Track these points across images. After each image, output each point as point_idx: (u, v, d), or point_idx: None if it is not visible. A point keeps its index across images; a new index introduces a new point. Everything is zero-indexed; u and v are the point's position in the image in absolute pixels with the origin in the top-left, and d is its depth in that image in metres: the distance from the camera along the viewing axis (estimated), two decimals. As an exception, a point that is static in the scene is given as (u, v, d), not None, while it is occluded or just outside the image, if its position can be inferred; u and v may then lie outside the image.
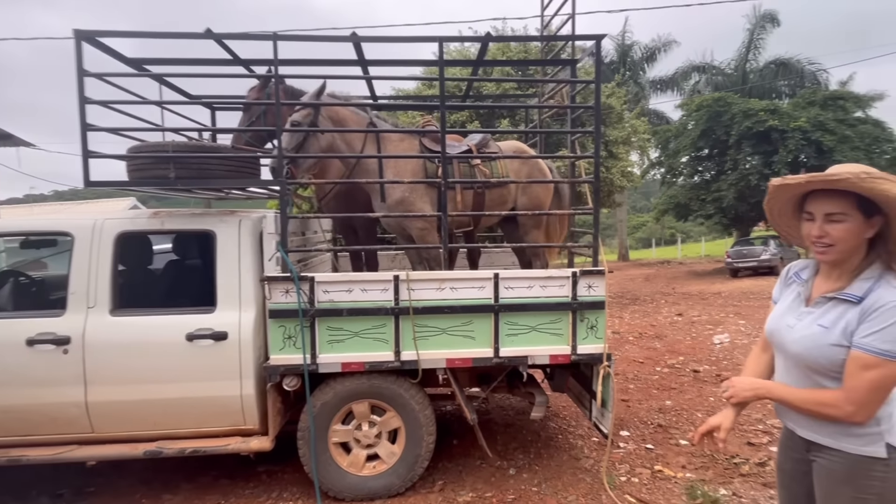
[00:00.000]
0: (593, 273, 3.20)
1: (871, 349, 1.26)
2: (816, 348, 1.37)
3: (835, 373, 1.36)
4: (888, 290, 1.28)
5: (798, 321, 1.46)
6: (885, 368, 1.24)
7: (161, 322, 2.99)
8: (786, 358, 1.51)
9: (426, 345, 3.10)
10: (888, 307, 1.26)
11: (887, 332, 1.25)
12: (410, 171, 3.44)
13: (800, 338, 1.42)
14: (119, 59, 3.31)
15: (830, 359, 1.35)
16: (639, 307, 10.91)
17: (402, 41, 3.14)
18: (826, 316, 1.39)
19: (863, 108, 19.68)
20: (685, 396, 4.90)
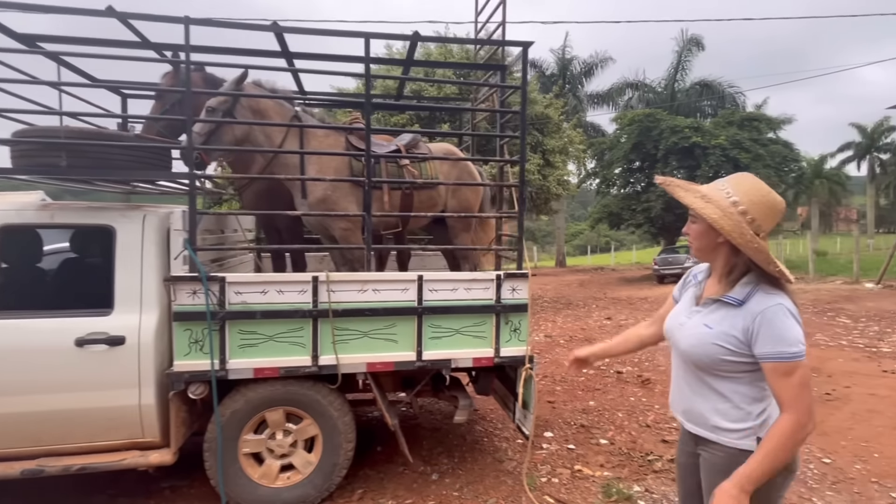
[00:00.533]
0: (517, 276, 3.22)
1: (782, 357, 1.33)
2: (700, 346, 1.46)
3: (715, 370, 1.45)
4: (765, 297, 1.38)
5: (688, 319, 1.55)
6: (800, 369, 1.33)
7: (45, 326, 2.69)
8: (677, 354, 1.60)
9: (346, 349, 2.99)
10: (769, 314, 1.35)
11: (784, 337, 1.33)
12: (334, 169, 3.33)
13: (688, 335, 1.51)
14: (7, 34, 2.98)
15: (711, 356, 1.44)
16: (572, 311, 11.26)
17: (325, 34, 3.03)
18: (711, 316, 1.48)
19: (774, 130, 21.48)
20: (608, 397, 5.06)
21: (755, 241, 1.36)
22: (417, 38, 3.15)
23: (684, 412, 1.59)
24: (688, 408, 1.57)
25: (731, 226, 1.37)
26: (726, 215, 1.38)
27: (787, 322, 1.34)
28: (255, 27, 2.85)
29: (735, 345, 1.39)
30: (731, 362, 1.41)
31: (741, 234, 1.36)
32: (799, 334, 1.35)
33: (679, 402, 1.62)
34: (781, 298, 1.37)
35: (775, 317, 1.35)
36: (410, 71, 4.08)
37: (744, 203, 1.39)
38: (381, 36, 2.97)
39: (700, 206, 1.42)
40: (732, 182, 1.46)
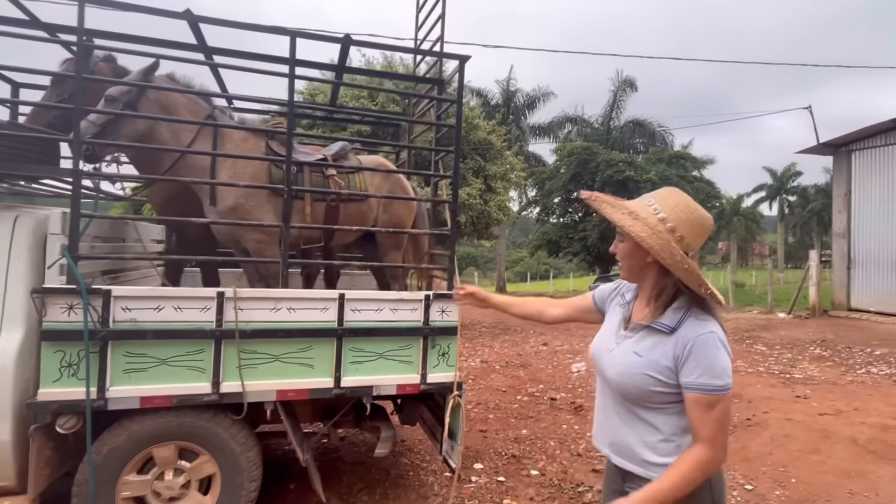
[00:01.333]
0: (447, 297, 3.04)
1: (706, 388, 1.25)
2: (629, 375, 1.36)
3: (644, 401, 1.35)
4: (696, 324, 1.30)
5: (616, 345, 1.44)
6: (723, 402, 1.25)
7: None
8: (603, 382, 1.51)
9: (254, 374, 2.67)
10: (701, 343, 1.27)
11: (712, 368, 1.26)
12: (250, 175, 3.05)
13: (616, 363, 1.41)
14: None
15: (640, 387, 1.34)
16: (509, 337, 11.22)
17: (246, 28, 2.79)
18: (640, 344, 1.37)
19: (698, 169, 23.09)
20: (541, 425, 4.94)
21: (685, 262, 1.27)
22: (349, 42, 2.98)
23: (611, 444, 1.47)
24: (615, 440, 1.45)
25: (660, 245, 1.27)
26: (655, 233, 1.28)
27: (717, 353, 1.27)
28: (165, 13, 2.56)
29: (665, 374, 1.30)
30: (660, 393, 1.32)
31: (671, 254, 1.27)
32: (727, 366, 1.27)
33: (605, 434, 1.50)
34: (714, 326, 1.30)
35: (706, 346, 1.27)
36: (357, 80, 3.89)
37: (672, 220, 1.30)
38: (307, 36, 2.77)
39: (627, 224, 1.32)
40: (659, 197, 1.37)
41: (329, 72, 4.43)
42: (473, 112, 14.13)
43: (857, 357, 8.21)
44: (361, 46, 3.09)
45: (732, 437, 4.65)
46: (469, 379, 6.91)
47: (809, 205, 40.57)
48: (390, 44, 3.83)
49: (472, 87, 27.75)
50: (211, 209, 3.05)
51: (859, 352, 8.61)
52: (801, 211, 41.83)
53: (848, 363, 7.80)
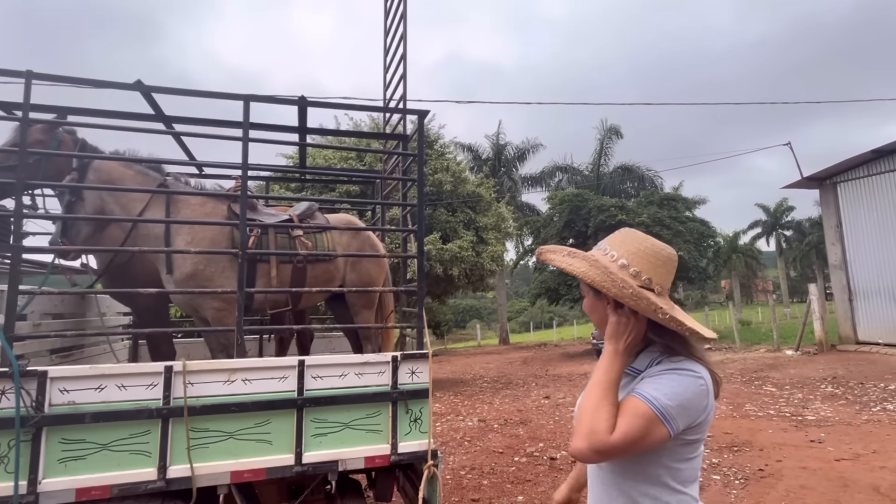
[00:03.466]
0: (416, 357, 2.87)
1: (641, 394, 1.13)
2: None
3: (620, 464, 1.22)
4: (667, 362, 1.21)
5: None
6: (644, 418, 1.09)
7: None
8: None
9: (205, 455, 2.45)
10: (661, 369, 1.19)
11: (659, 382, 1.14)
12: (210, 240, 2.96)
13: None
14: None
15: None
16: (510, 391, 10.82)
17: (203, 96, 2.80)
18: None
19: (690, 209, 23.21)
20: (538, 489, 4.59)
21: (629, 287, 1.17)
22: (304, 103, 2.98)
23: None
24: None
25: (600, 275, 1.20)
26: (593, 266, 1.22)
27: (679, 378, 1.14)
28: (113, 85, 2.57)
29: None
30: None
31: (613, 283, 1.18)
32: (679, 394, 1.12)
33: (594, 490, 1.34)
34: (688, 364, 1.18)
35: (669, 372, 1.16)
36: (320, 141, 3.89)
37: (622, 256, 1.24)
38: (260, 99, 2.77)
39: (567, 263, 1.26)
40: (608, 239, 1.32)
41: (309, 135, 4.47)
42: (461, 166, 14.38)
43: (870, 393, 7.84)
44: (316, 107, 3.09)
45: (744, 491, 4.31)
46: (465, 440, 6.55)
47: (806, 238, 40.64)
48: (353, 104, 3.83)
49: (462, 143, 28.58)
50: (168, 278, 2.94)
51: (873, 387, 8.24)
52: (799, 245, 41.85)
53: (862, 400, 7.43)
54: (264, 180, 4.56)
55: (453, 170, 13.37)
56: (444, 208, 12.98)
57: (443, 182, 12.76)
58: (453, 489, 4.70)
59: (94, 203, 2.73)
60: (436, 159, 13.29)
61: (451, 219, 12.87)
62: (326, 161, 11.30)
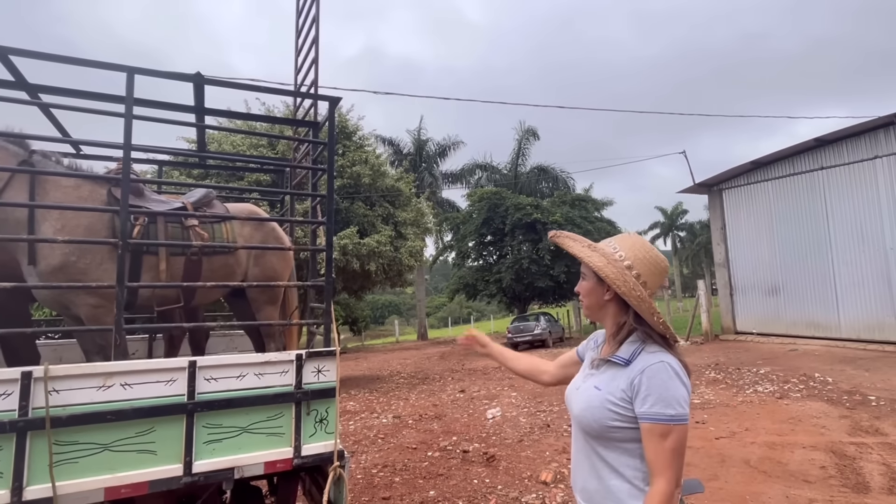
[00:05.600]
0: (322, 355, 2.73)
1: (658, 418, 1.23)
2: (589, 409, 1.36)
3: (605, 437, 1.33)
4: (648, 356, 1.32)
5: (583, 382, 1.47)
6: (677, 432, 1.23)
7: None
8: (574, 422, 1.47)
9: (73, 471, 2.16)
10: (651, 372, 1.27)
11: (664, 396, 1.24)
12: (85, 228, 2.62)
13: (580, 398, 1.42)
14: None
15: (599, 420, 1.32)
16: (427, 386, 10.86)
17: (76, 63, 2.45)
18: (600, 377, 1.39)
19: (599, 210, 24.74)
20: (450, 483, 4.63)
21: (638, 290, 1.33)
22: (200, 80, 2.72)
23: (581, 491, 1.43)
24: (585, 486, 1.41)
25: (615, 273, 1.35)
26: (610, 263, 1.37)
27: (670, 381, 1.26)
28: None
29: (622, 406, 1.30)
30: (619, 428, 1.30)
31: (624, 282, 1.33)
32: (681, 396, 1.25)
33: (577, 479, 1.46)
34: (665, 356, 1.30)
35: (657, 374, 1.27)
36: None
37: (629, 258, 1.38)
38: (146, 72, 2.48)
39: (586, 255, 1.41)
40: (618, 240, 1.45)
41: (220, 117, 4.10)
42: (381, 160, 14.17)
43: (745, 377, 8.80)
44: (214, 85, 2.84)
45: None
46: (379, 438, 6.46)
47: (697, 238, 44.91)
48: (257, 85, 3.58)
49: (383, 136, 28.25)
50: (30, 270, 2.56)
51: (747, 372, 9.26)
52: (691, 244, 46.16)
53: (738, 384, 8.32)
54: (157, 164, 4.14)
55: (372, 163, 13.13)
56: (362, 202, 12.72)
57: (361, 175, 12.49)
58: (364, 488, 4.60)
59: None
60: (354, 151, 12.97)
61: (369, 213, 12.65)
62: (234, 148, 10.61)
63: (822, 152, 13.07)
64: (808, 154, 13.42)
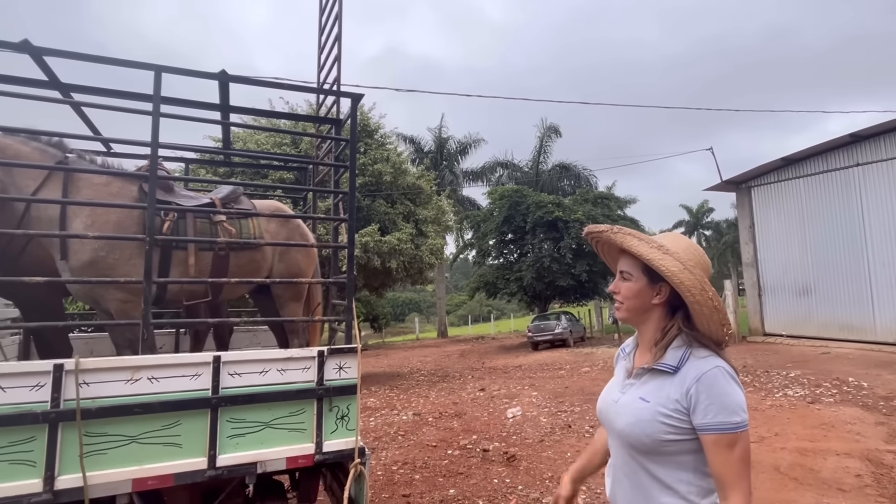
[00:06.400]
0: (344, 351, 2.74)
1: (724, 428, 1.15)
2: (638, 424, 1.24)
3: (657, 453, 1.23)
4: (701, 361, 1.22)
5: (622, 394, 1.35)
6: (743, 440, 1.16)
7: None
8: (613, 436, 1.36)
9: (102, 462, 2.21)
10: (709, 379, 1.18)
11: (726, 404, 1.17)
12: (114, 224, 2.67)
13: (624, 412, 1.29)
14: None
15: (651, 435, 1.21)
16: (447, 384, 10.86)
17: (105, 62, 2.50)
18: (644, 388, 1.28)
19: (622, 208, 24.33)
20: (470, 482, 4.60)
21: (716, 299, 1.21)
22: (225, 78, 2.75)
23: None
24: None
25: (691, 281, 1.20)
26: (687, 269, 1.21)
27: (728, 387, 1.18)
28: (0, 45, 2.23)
29: (676, 418, 1.20)
30: (674, 441, 1.21)
31: (702, 291, 1.20)
32: (741, 400, 1.18)
33: (618, 500, 1.35)
34: (718, 361, 1.21)
35: (716, 381, 1.18)
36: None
37: (691, 261, 1.24)
38: (172, 70, 2.51)
39: (657, 257, 1.23)
40: (669, 240, 1.30)
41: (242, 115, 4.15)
42: (402, 157, 14.20)
43: (774, 381, 8.55)
44: (238, 82, 2.86)
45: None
46: (399, 435, 6.48)
47: (723, 237, 43.87)
48: (281, 83, 3.60)
49: (404, 135, 28.33)
50: (63, 265, 2.62)
51: (776, 375, 8.99)
52: (717, 243, 45.12)
53: (767, 387, 8.08)
54: (185, 162, 4.22)
55: (394, 160, 13.16)
56: (383, 199, 12.76)
57: (383, 173, 12.53)
58: (384, 485, 4.61)
59: None
60: (376, 149, 13.03)
61: (390, 210, 12.69)
62: (259, 146, 10.76)
63: (858, 148, 12.61)
64: (843, 150, 12.96)
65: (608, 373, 10.86)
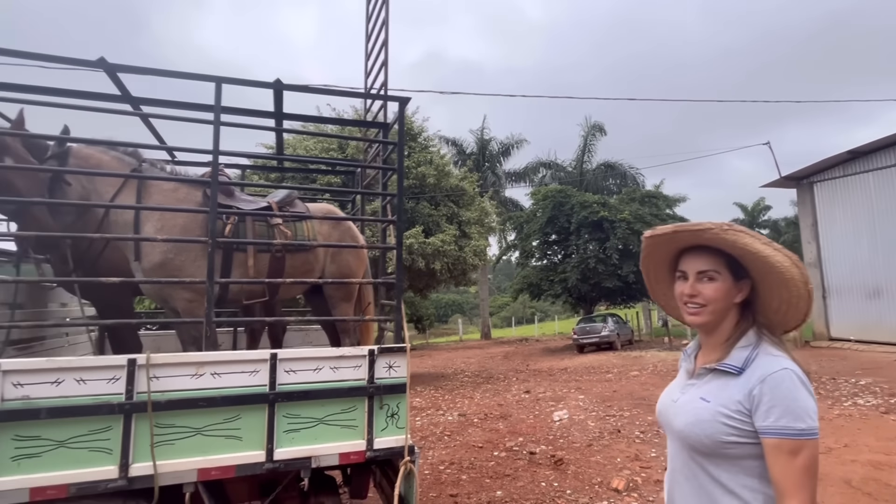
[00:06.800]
0: (394, 351, 2.79)
1: (788, 433, 1.09)
2: (697, 423, 1.20)
3: (718, 455, 1.18)
4: (769, 360, 1.17)
5: (682, 395, 1.31)
6: (808, 448, 1.09)
7: None
8: (672, 438, 1.32)
9: (171, 452, 2.35)
10: (776, 380, 1.13)
11: (792, 408, 1.11)
12: (181, 227, 2.84)
13: (683, 412, 1.26)
14: None
15: (712, 436, 1.17)
16: (491, 385, 10.82)
17: (171, 75, 2.66)
18: (706, 387, 1.24)
19: (671, 207, 23.47)
20: (517, 484, 4.57)
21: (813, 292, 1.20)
22: (280, 87, 2.86)
23: None
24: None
25: (800, 276, 1.17)
26: (794, 263, 1.18)
27: (796, 391, 1.12)
28: (76, 62, 2.42)
29: (738, 419, 1.15)
30: (736, 444, 1.15)
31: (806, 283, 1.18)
32: (810, 406, 1.12)
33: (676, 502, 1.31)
34: (788, 362, 1.16)
35: (782, 383, 1.12)
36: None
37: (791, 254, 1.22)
38: (231, 81, 2.64)
39: (769, 253, 1.18)
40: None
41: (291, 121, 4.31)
42: (445, 160, 14.28)
43: (842, 388, 8.02)
44: (292, 90, 2.97)
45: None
46: (445, 435, 6.51)
47: (782, 237, 41.49)
48: (332, 89, 3.72)
49: (447, 137, 28.46)
50: (136, 266, 2.81)
51: (844, 382, 8.43)
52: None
53: (834, 395, 7.59)
54: (240, 168, 4.42)
55: (437, 163, 13.26)
56: (427, 202, 12.88)
57: (426, 175, 12.65)
58: (431, 484, 4.65)
59: (77, 191, 2.59)
60: (419, 152, 13.17)
61: (434, 212, 12.79)
62: (308, 151, 11.10)
63: (936, 139, 11.64)
64: (918, 141, 11.99)
65: (659, 377, 10.52)
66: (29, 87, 2.57)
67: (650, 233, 1.32)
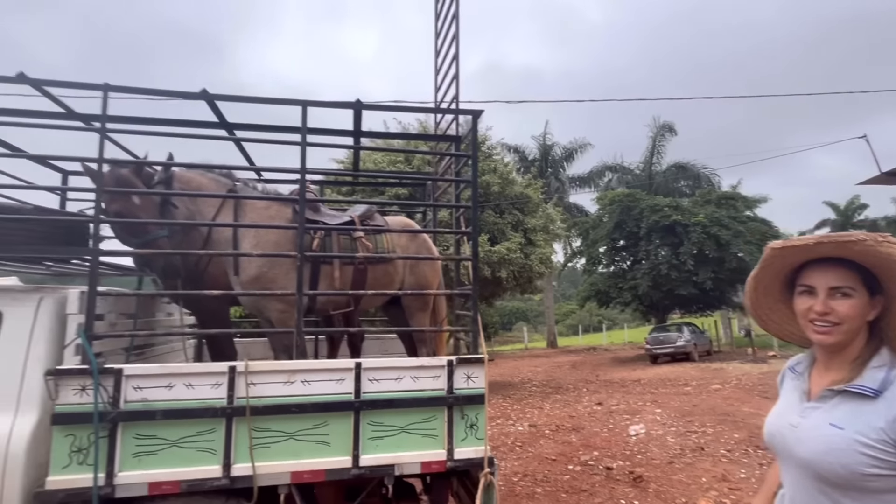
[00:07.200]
0: (472, 361, 2.81)
1: None
2: (830, 453, 1.08)
3: (856, 489, 1.07)
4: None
5: (803, 419, 1.18)
6: None
7: None
8: (792, 466, 1.21)
9: (266, 454, 2.50)
10: None
11: None
12: (273, 243, 3.03)
13: (807, 439, 1.14)
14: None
15: (848, 467, 1.05)
16: (561, 396, 10.58)
17: (263, 102, 2.87)
18: (835, 413, 1.12)
19: (750, 208, 21.93)
20: (594, 500, 4.43)
21: None
22: (360, 107, 3.00)
23: None
24: None
25: None
26: None
27: None
28: (180, 94, 2.67)
29: (882, 451, 1.03)
30: (879, 476, 1.04)
31: None
32: None
33: None
34: None
35: None
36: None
37: None
38: (317, 104, 2.81)
39: None
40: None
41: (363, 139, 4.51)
42: (508, 168, 14.23)
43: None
44: (371, 109, 3.10)
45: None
46: (516, 446, 6.44)
47: (883, 238, 37.57)
48: (407, 106, 3.83)
49: (509, 145, 28.32)
50: (235, 280, 3.03)
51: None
52: (874, 245, 38.77)
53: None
54: (318, 184, 4.65)
55: (501, 171, 13.23)
56: (491, 210, 12.87)
57: (490, 184, 12.65)
58: (506, 496, 4.61)
59: (183, 212, 2.86)
60: (483, 161, 13.20)
61: (499, 220, 12.75)
62: (376, 165, 11.46)
63: None
64: None
65: (744, 391, 9.82)
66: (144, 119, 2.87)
67: (780, 244, 1.19)
